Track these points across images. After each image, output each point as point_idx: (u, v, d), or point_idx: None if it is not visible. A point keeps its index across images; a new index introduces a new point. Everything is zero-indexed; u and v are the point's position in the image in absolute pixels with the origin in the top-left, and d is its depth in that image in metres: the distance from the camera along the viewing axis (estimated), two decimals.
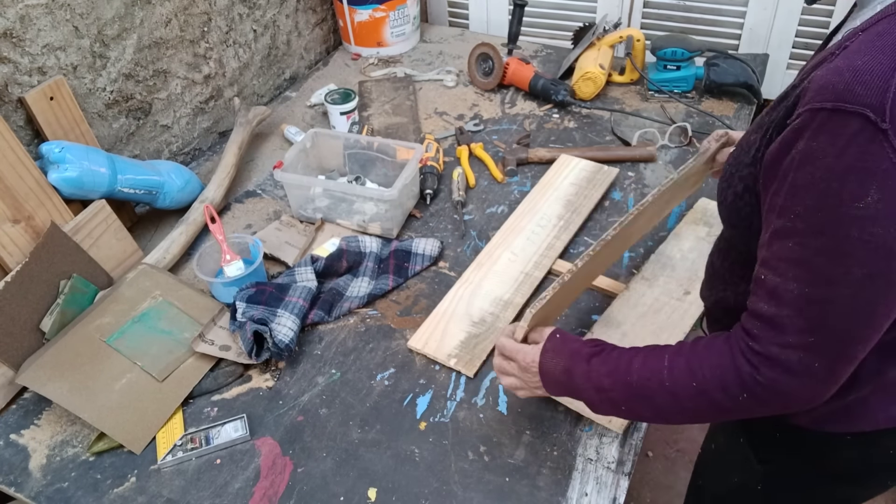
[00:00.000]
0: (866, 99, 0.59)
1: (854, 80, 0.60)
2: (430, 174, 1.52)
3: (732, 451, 1.06)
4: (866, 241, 0.63)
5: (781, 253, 0.69)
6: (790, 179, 0.67)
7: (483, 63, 1.90)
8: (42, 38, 1.29)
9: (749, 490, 1.05)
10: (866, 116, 0.59)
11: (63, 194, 1.26)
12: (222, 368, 1.15)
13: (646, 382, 0.80)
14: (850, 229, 0.63)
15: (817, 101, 0.63)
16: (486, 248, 1.34)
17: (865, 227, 0.62)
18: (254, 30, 1.85)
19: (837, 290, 0.66)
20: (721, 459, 1.12)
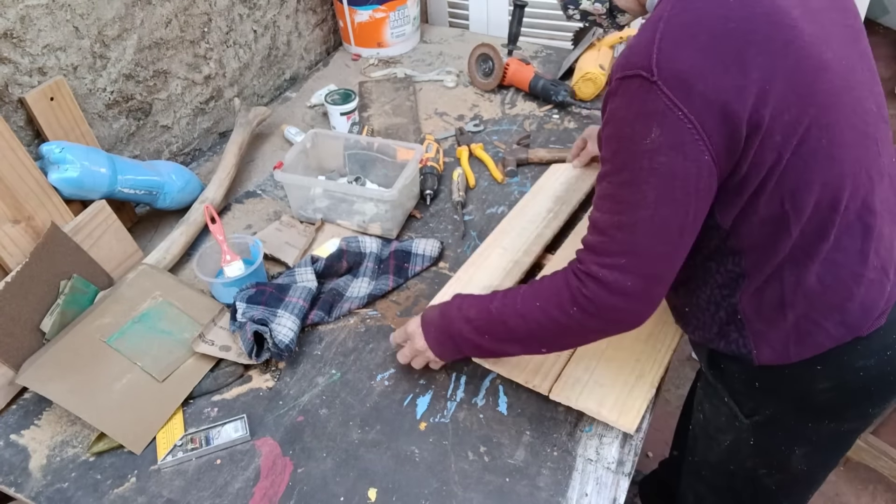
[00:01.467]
0: (639, 63, 0.76)
1: (630, 52, 0.78)
2: (431, 175, 1.52)
3: (719, 413, 1.10)
4: (655, 169, 0.78)
5: (600, 192, 0.85)
6: (604, 135, 0.83)
7: (483, 63, 1.90)
8: (42, 39, 1.29)
9: (742, 447, 1.09)
10: (640, 75, 0.76)
11: (63, 195, 1.26)
12: (222, 369, 1.15)
13: (502, 308, 0.97)
14: (642, 161, 0.79)
15: (614, 76, 0.80)
16: (480, 248, 1.34)
17: (653, 158, 0.78)
18: (254, 30, 1.85)
19: (638, 214, 0.81)
20: (710, 425, 1.15)
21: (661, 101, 0.75)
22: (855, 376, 0.94)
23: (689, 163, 0.78)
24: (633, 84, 0.77)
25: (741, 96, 0.76)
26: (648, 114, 0.77)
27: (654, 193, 0.80)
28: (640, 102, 0.77)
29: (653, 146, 0.77)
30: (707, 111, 0.75)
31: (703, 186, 0.80)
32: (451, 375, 1.13)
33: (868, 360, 0.93)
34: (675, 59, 0.75)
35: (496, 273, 1.26)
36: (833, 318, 0.90)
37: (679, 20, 0.77)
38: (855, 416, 1.03)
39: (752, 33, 0.77)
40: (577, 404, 1.04)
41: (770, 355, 0.94)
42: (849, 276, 0.89)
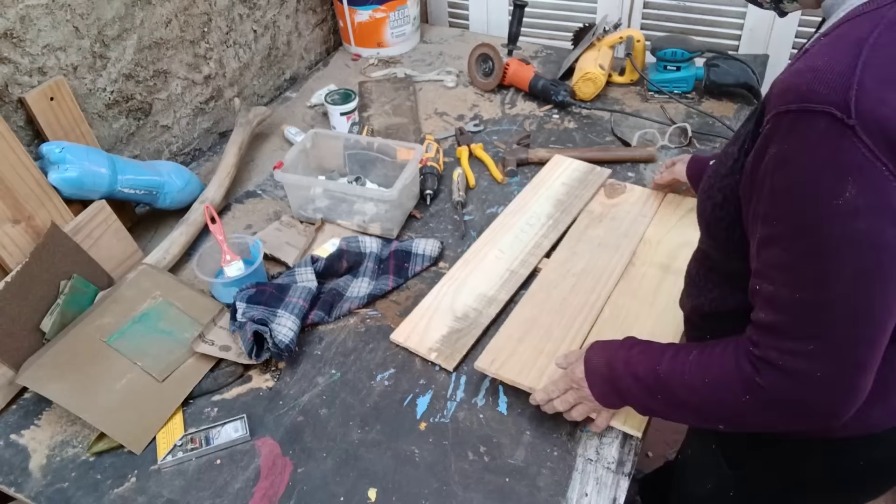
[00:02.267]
0: (829, 97, 0.60)
1: (815, 79, 0.61)
2: (431, 174, 1.52)
3: (705, 456, 1.06)
4: (850, 238, 0.63)
5: (770, 260, 0.69)
6: (768, 185, 0.67)
7: (483, 63, 1.90)
8: (42, 39, 1.29)
9: (722, 495, 1.06)
10: (832, 114, 0.60)
11: (63, 194, 1.26)
12: (222, 369, 1.15)
13: (671, 373, 0.83)
14: (833, 227, 0.63)
15: (782, 104, 0.64)
16: (474, 246, 1.34)
17: (847, 223, 0.62)
18: (254, 30, 1.85)
19: (830, 292, 0.65)
20: (695, 465, 1.13)
21: (858, 152, 0.60)
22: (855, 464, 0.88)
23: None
24: (819, 124, 0.61)
25: None
26: (842, 167, 0.61)
27: (850, 268, 0.64)
28: (830, 150, 0.61)
29: (847, 208, 0.61)
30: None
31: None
32: (451, 375, 1.13)
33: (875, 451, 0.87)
34: (883, 100, 0.60)
35: (492, 280, 1.27)
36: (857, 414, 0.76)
37: (890, 54, 0.61)
38: (845, 495, 0.97)
39: None
40: None
41: None
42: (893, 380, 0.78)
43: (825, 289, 0.65)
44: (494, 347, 1.13)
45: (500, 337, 1.15)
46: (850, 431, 0.82)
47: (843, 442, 0.84)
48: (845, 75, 0.60)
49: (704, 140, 1.65)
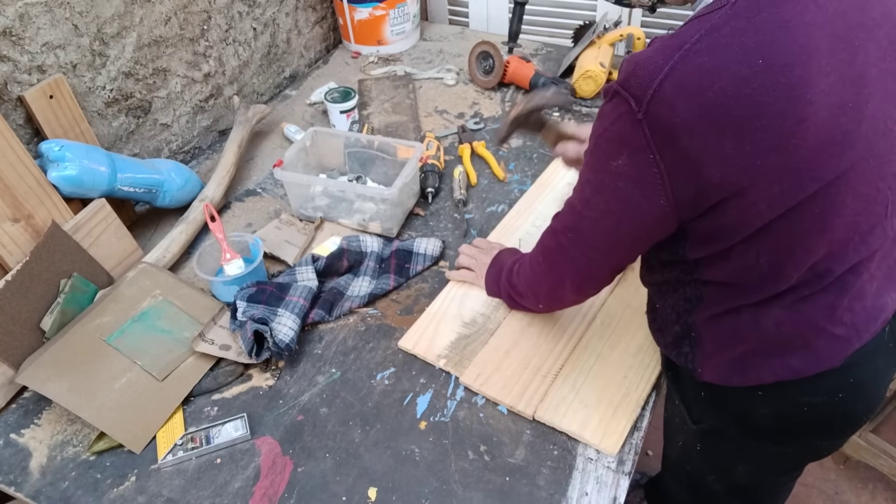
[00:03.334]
0: (634, 91, 0.73)
1: (633, 72, 0.74)
2: (432, 172, 1.52)
3: (673, 414, 1.12)
4: (611, 189, 0.82)
5: (581, 172, 0.89)
6: (593, 126, 0.84)
7: (483, 61, 1.90)
8: (41, 37, 1.28)
9: (690, 450, 1.12)
10: (630, 104, 0.73)
11: (63, 193, 1.26)
12: (222, 368, 1.15)
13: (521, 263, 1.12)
14: (604, 175, 0.82)
15: (617, 79, 0.77)
16: None
17: (613, 179, 0.80)
18: (253, 28, 1.84)
19: (589, 211, 0.87)
20: (668, 424, 1.19)
21: (637, 137, 0.74)
22: (798, 410, 0.93)
23: (643, 199, 0.79)
24: (622, 106, 0.74)
25: (723, 164, 0.73)
26: (623, 141, 0.76)
27: (604, 206, 0.84)
28: (620, 126, 0.76)
29: (617, 170, 0.79)
30: (680, 166, 0.74)
31: (649, 223, 0.82)
32: (451, 375, 1.13)
33: (814, 398, 0.91)
34: (672, 106, 0.71)
35: None
36: (782, 358, 0.89)
37: (697, 62, 0.70)
38: (796, 443, 1.01)
39: (766, 106, 0.70)
40: (560, 426, 1.03)
41: (712, 376, 0.94)
42: (809, 329, 0.87)
43: (587, 207, 0.88)
44: (481, 361, 1.12)
45: (488, 349, 1.15)
46: (780, 376, 0.89)
47: (781, 387, 0.91)
48: (652, 77, 0.71)
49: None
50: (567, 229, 0.94)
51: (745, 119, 0.70)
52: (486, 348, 1.15)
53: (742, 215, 0.77)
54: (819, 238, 0.81)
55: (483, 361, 1.12)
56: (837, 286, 0.85)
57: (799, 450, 1.05)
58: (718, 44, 0.70)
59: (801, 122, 0.72)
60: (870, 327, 0.89)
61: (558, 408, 1.05)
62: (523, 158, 1.63)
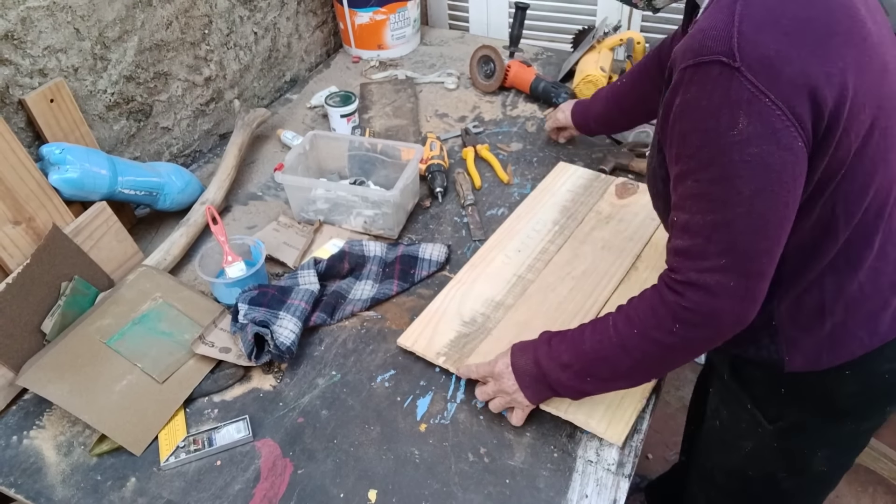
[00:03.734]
0: (717, 48, 0.71)
1: (704, 37, 0.73)
2: (438, 172, 1.53)
3: (739, 419, 1.09)
4: (746, 162, 0.73)
5: (684, 192, 0.80)
6: (677, 130, 0.78)
7: (484, 65, 1.90)
8: (43, 40, 1.29)
9: (764, 452, 1.09)
10: (721, 61, 0.71)
11: (63, 196, 1.26)
12: (223, 370, 1.15)
13: (598, 345, 0.91)
14: (732, 154, 0.73)
15: (682, 62, 0.75)
16: (481, 251, 1.34)
17: (743, 149, 0.73)
18: (254, 32, 1.85)
19: (733, 211, 0.76)
20: (727, 433, 1.14)
21: (745, 89, 0.71)
22: (880, 379, 0.94)
23: (784, 151, 0.73)
24: (713, 71, 0.72)
25: (829, 83, 0.72)
26: (733, 103, 0.72)
27: (749, 187, 0.74)
28: (723, 91, 0.72)
29: (741, 137, 0.72)
30: (796, 96, 0.71)
31: (798, 174, 0.75)
32: (451, 377, 1.13)
33: (893, 363, 0.92)
34: (760, 42, 0.70)
35: (499, 285, 1.26)
36: (868, 326, 0.89)
37: (759, 3, 0.72)
38: (874, 414, 1.03)
39: (836, 23, 0.73)
40: (566, 415, 1.03)
41: (802, 363, 0.93)
42: (888, 286, 0.87)
43: (729, 208, 0.76)
44: (483, 351, 1.13)
45: (489, 341, 1.15)
46: (868, 345, 0.89)
47: (867, 360, 0.90)
48: (727, 29, 0.71)
49: None
50: (716, 256, 0.78)
51: (826, 37, 0.72)
52: (487, 341, 1.15)
53: (838, 148, 0.76)
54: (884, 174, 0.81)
55: (485, 352, 1.12)
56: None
57: (875, 422, 1.05)
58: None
59: (864, 41, 0.75)
60: None
61: (563, 399, 1.05)
62: (523, 162, 1.64)
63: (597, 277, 1.25)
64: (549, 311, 1.19)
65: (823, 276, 0.86)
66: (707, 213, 0.78)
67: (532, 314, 1.19)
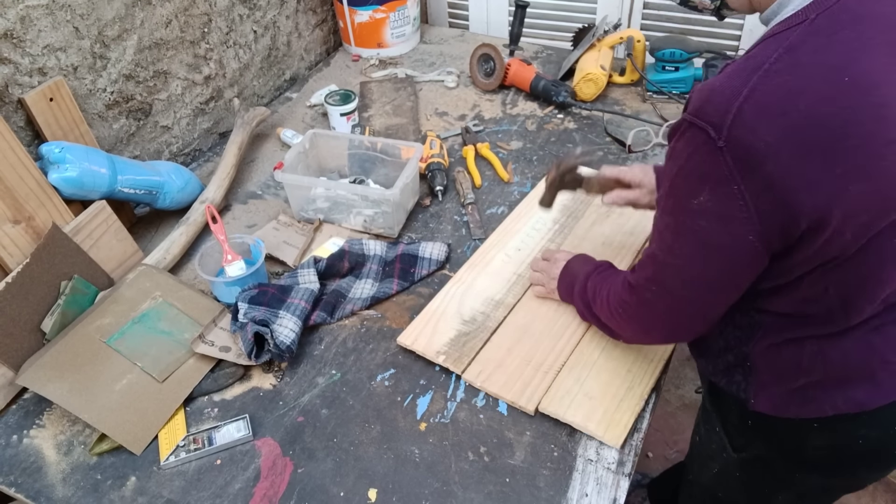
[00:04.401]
0: (711, 118, 0.69)
1: (709, 99, 0.70)
2: (438, 171, 1.53)
3: (711, 440, 1.10)
4: (694, 231, 0.77)
5: (655, 218, 0.86)
6: (664, 169, 0.81)
7: (484, 64, 1.90)
8: (42, 39, 1.29)
9: (728, 477, 1.09)
10: (708, 133, 0.69)
11: (63, 194, 1.26)
12: (223, 369, 1.15)
13: (596, 287, 1.05)
14: (685, 217, 0.77)
15: (686, 111, 0.74)
16: (481, 249, 1.34)
17: (695, 219, 0.76)
18: (254, 31, 1.85)
19: (672, 259, 0.82)
20: (702, 449, 1.15)
21: (720, 168, 0.69)
22: (853, 443, 0.91)
23: (730, 238, 0.74)
24: (699, 137, 0.70)
25: (812, 190, 0.68)
26: (704, 175, 0.72)
27: (688, 249, 0.79)
28: (699, 160, 0.72)
29: (698, 208, 0.74)
30: (767, 195, 0.69)
31: (738, 264, 0.77)
32: (451, 376, 1.13)
33: (870, 430, 0.90)
34: (754, 131, 0.67)
35: (499, 283, 1.26)
36: (845, 392, 0.86)
37: (778, 81, 0.67)
38: (844, 474, 1.00)
39: (855, 125, 0.67)
40: (565, 417, 1.03)
41: (767, 407, 0.92)
42: (877, 361, 0.85)
43: (671, 255, 0.82)
44: (483, 358, 1.13)
45: (490, 346, 1.15)
46: (842, 409, 0.87)
47: (839, 420, 0.88)
48: (730, 100, 0.68)
49: None
50: (650, 282, 0.87)
51: (833, 140, 0.67)
52: (488, 346, 1.15)
53: (826, 246, 0.73)
54: (893, 269, 0.78)
55: (485, 359, 1.13)
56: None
57: (844, 482, 1.02)
58: (799, 62, 0.67)
59: (890, 144, 0.69)
60: None
61: (563, 400, 1.05)
62: (523, 160, 1.64)
63: None
64: (549, 312, 1.19)
65: (806, 338, 0.85)
66: (657, 248, 0.85)
67: (532, 316, 1.19)
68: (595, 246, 1.31)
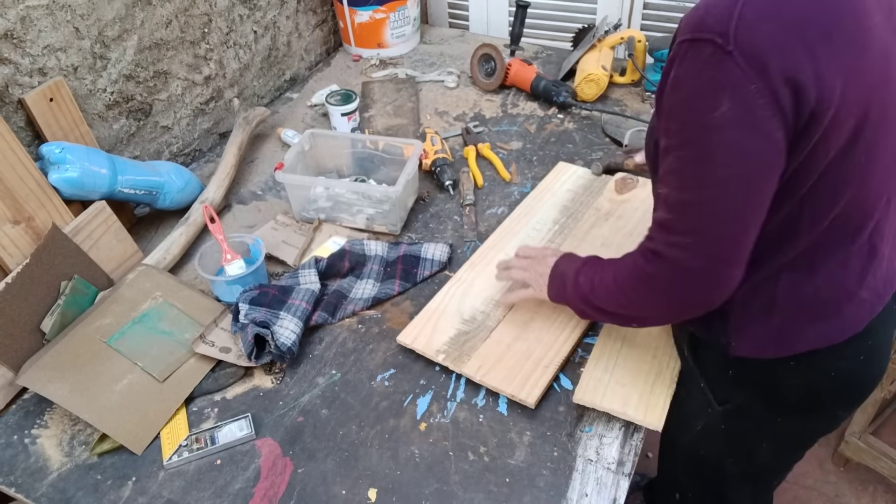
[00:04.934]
0: (714, 27, 0.70)
1: (706, 13, 0.72)
2: (445, 165, 1.54)
3: (694, 397, 1.10)
4: (723, 145, 0.73)
5: (667, 167, 0.80)
6: (666, 104, 0.78)
7: (485, 64, 1.90)
8: (43, 39, 1.29)
9: (712, 432, 1.11)
10: (715, 42, 0.70)
11: (63, 195, 1.26)
12: (223, 369, 1.15)
13: (593, 278, 0.98)
14: (710, 136, 0.73)
15: (681, 35, 0.74)
16: (481, 250, 1.34)
17: (722, 133, 0.72)
18: (254, 31, 1.85)
19: (706, 193, 0.76)
20: (685, 407, 1.16)
21: (734, 72, 0.70)
22: (826, 377, 0.95)
23: (762, 140, 0.72)
24: (705, 50, 0.71)
25: (818, 83, 0.71)
26: (719, 85, 0.71)
27: (722, 171, 0.75)
28: (711, 71, 0.71)
29: (723, 120, 0.72)
30: (784, 87, 0.70)
31: (775, 164, 0.75)
32: (451, 375, 1.13)
33: (841, 362, 0.94)
34: (757, 30, 0.70)
35: (499, 283, 1.26)
36: (816, 327, 0.90)
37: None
38: (822, 413, 1.04)
39: (838, 26, 0.72)
40: (602, 406, 1.04)
41: (747, 349, 0.95)
42: (843, 294, 0.89)
43: (702, 189, 0.76)
44: (483, 353, 1.13)
45: (490, 342, 1.15)
46: (814, 344, 0.90)
47: (812, 355, 0.92)
48: (729, 9, 0.70)
49: None
50: (682, 235, 0.80)
51: (824, 37, 0.71)
52: (488, 341, 1.15)
53: (815, 153, 0.76)
54: (859, 189, 0.81)
55: (485, 354, 1.13)
56: (867, 250, 0.87)
57: (819, 422, 1.07)
58: None
59: (866, 49, 0.74)
60: (888, 291, 0.91)
61: (596, 389, 1.06)
62: (524, 161, 1.64)
63: None
64: (548, 311, 1.19)
65: (780, 272, 0.87)
66: (681, 191, 0.79)
67: (532, 314, 1.19)
68: (594, 247, 1.31)
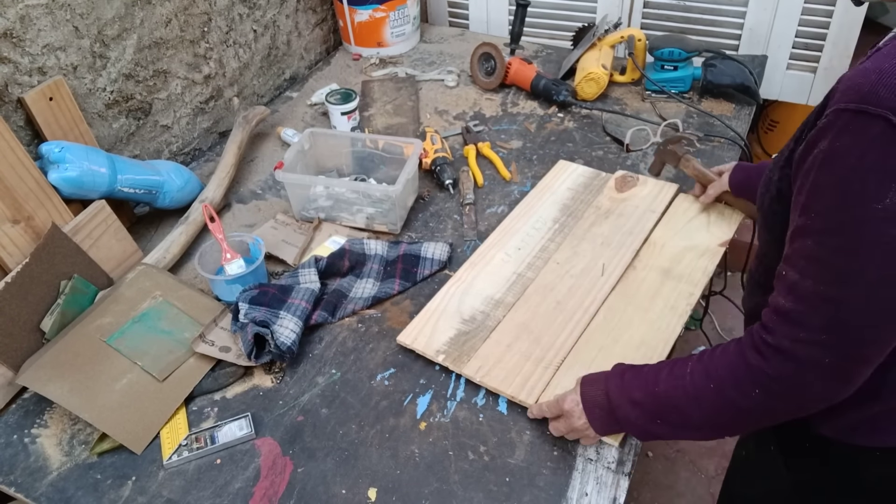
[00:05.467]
0: (889, 102, 0.60)
1: (879, 82, 0.61)
2: (445, 164, 1.53)
3: (762, 458, 1.05)
4: (882, 243, 0.63)
5: (801, 250, 0.70)
6: (812, 178, 0.67)
7: (485, 63, 1.90)
8: (42, 39, 1.29)
9: (777, 495, 1.05)
10: (888, 119, 0.60)
11: (63, 194, 1.26)
12: (223, 369, 1.15)
13: (671, 391, 0.83)
14: (867, 229, 0.63)
15: (843, 101, 0.63)
16: (480, 249, 1.34)
17: (882, 228, 0.62)
18: (254, 30, 1.85)
19: (852, 291, 0.66)
20: (751, 466, 1.11)
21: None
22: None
23: None
24: (874, 126, 0.60)
25: None
26: (888, 172, 0.61)
27: (876, 273, 0.64)
28: (880, 155, 0.61)
29: (885, 214, 0.62)
30: None
31: None
32: (451, 375, 1.13)
33: None
34: None
35: (499, 283, 1.26)
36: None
37: None
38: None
39: None
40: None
41: (832, 430, 0.87)
42: None
43: (847, 287, 0.66)
44: (482, 354, 1.13)
45: (490, 342, 1.15)
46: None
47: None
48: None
49: (704, 140, 1.65)
50: (818, 331, 0.69)
51: None
52: (487, 342, 1.15)
53: None
54: None
55: (485, 355, 1.13)
56: None
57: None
58: None
59: None
60: None
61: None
62: (523, 160, 1.64)
63: (595, 275, 1.25)
64: (548, 310, 1.19)
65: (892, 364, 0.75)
66: (820, 283, 0.68)
67: (532, 314, 1.19)
68: (594, 246, 1.31)
